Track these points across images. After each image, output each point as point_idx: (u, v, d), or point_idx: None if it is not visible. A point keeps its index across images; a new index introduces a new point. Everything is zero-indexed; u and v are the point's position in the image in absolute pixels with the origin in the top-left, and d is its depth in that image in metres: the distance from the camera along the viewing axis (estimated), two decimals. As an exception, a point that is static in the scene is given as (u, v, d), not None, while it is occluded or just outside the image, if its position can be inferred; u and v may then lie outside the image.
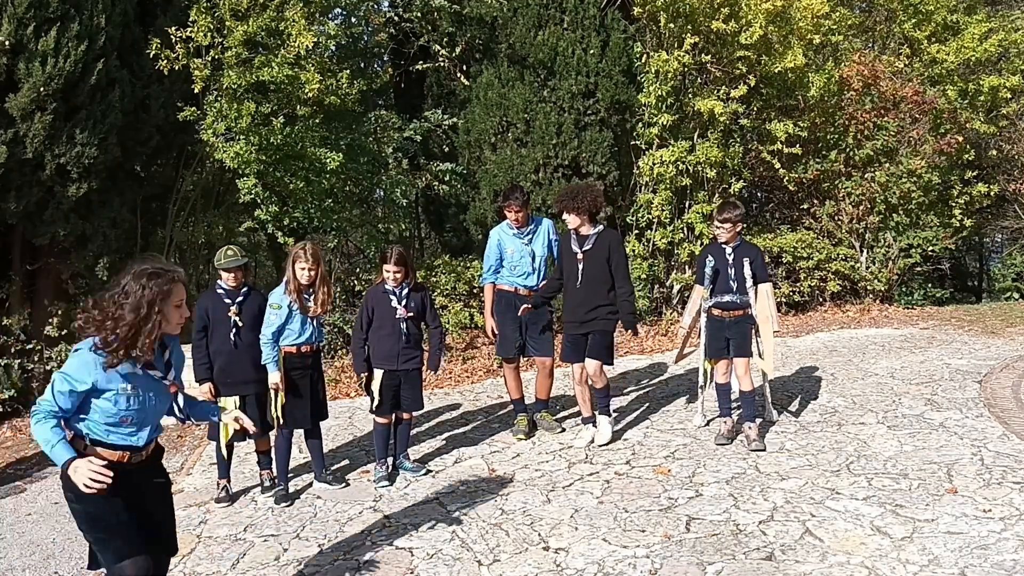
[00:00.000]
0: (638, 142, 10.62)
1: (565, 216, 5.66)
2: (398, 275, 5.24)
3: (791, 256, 10.97)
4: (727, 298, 5.70)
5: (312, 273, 5.09)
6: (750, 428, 5.62)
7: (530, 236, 6.05)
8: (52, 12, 6.77)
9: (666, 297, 10.90)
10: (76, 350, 2.94)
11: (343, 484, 5.33)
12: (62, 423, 2.89)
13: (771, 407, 6.22)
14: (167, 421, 7.62)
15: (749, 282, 5.68)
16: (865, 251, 11.68)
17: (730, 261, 5.69)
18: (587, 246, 5.65)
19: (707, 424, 6.09)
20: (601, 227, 5.75)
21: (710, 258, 5.76)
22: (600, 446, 5.76)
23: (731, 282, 5.67)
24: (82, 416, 2.95)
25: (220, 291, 5.16)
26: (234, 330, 5.09)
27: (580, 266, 5.65)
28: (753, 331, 5.80)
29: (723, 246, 5.74)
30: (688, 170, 10.37)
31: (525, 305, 5.91)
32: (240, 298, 5.15)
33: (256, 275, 13.38)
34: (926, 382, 7.11)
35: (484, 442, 6.12)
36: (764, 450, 5.47)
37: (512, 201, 5.95)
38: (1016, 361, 7.80)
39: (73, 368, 2.89)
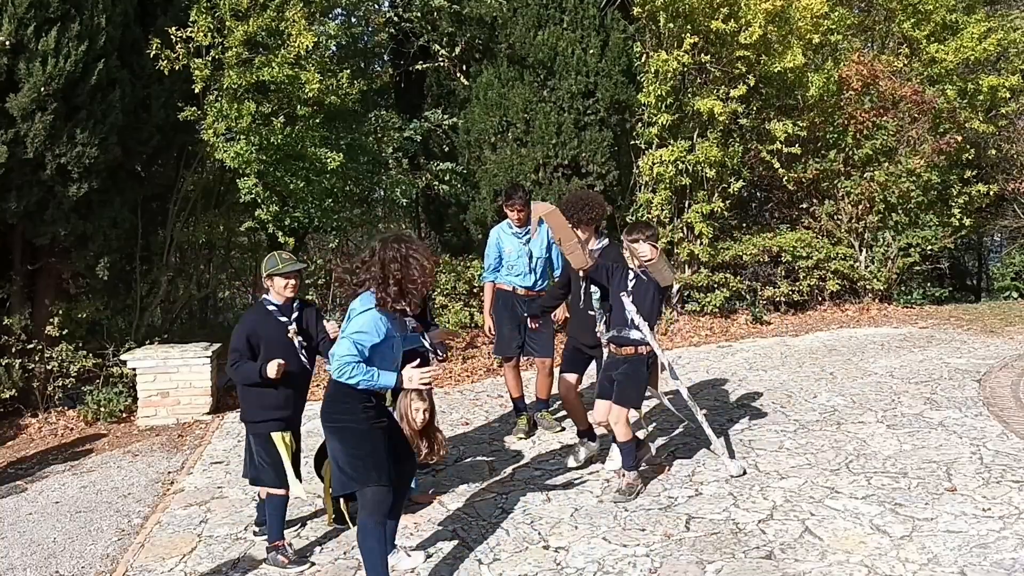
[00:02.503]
0: (638, 142, 10.64)
1: (575, 230, 5.11)
2: None
3: (790, 255, 10.97)
4: (623, 332, 4.84)
5: None
6: (624, 476, 4.89)
7: (528, 236, 6.03)
8: (52, 12, 6.77)
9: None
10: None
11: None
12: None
13: (713, 438, 5.31)
14: (165, 420, 7.62)
15: (639, 319, 4.78)
16: (864, 250, 11.69)
17: (629, 287, 4.83)
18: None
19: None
20: (605, 240, 5.38)
21: (603, 283, 4.87)
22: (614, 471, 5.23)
23: (625, 313, 4.81)
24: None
25: (271, 307, 4.34)
26: (302, 352, 4.37)
27: (583, 284, 5.23)
28: (652, 372, 4.93)
29: (627, 270, 4.87)
30: (688, 170, 10.38)
31: (531, 318, 5.78)
32: (295, 313, 4.37)
33: (256, 275, 13.39)
34: (925, 381, 7.13)
35: (484, 441, 6.14)
36: (629, 501, 4.74)
37: (515, 200, 5.92)
38: (1015, 360, 7.81)
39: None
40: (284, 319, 4.32)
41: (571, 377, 5.48)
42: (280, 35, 7.95)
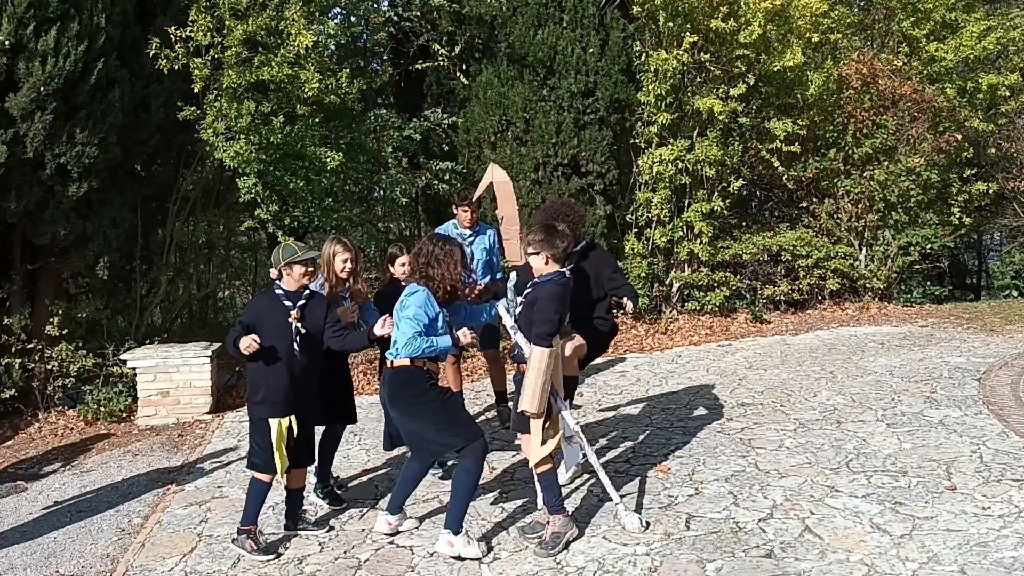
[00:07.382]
0: (637, 141, 10.64)
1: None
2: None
3: (790, 254, 10.98)
4: (519, 348, 4.34)
5: (352, 265, 4.79)
6: (549, 523, 4.25)
7: (472, 239, 6.04)
8: (52, 12, 6.77)
9: (665, 295, 10.92)
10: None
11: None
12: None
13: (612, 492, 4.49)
14: (165, 420, 7.62)
15: (520, 336, 4.28)
16: (864, 249, 11.70)
17: (524, 298, 4.30)
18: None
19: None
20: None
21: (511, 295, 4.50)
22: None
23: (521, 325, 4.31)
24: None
25: (279, 291, 4.39)
26: (297, 338, 4.32)
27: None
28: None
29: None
30: (687, 168, 10.38)
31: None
32: (302, 301, 4.38)
33: (256, 274, 13.40)
34: (925, 380, 7.13)
35: (484, 440, 6.12)
36: (550, 556, 4.12)
37: (468, 203, 6.04)
38: (1015, 359, 7.82)
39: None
40: (288, 304, 4.36)
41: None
42: (279, 34, 7.95)
